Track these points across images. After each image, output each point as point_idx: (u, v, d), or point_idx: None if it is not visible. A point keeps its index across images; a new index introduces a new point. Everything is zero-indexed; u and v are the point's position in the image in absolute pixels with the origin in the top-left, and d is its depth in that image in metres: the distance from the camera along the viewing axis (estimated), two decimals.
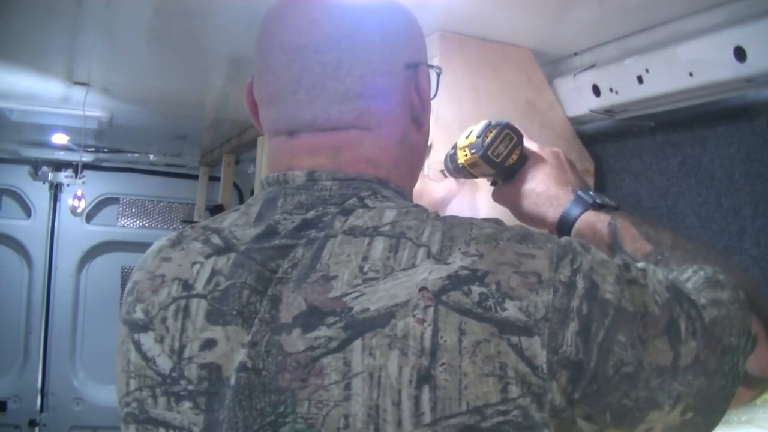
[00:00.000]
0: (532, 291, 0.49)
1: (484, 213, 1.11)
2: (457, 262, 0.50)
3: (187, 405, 0.54)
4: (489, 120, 0.84)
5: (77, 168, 2.74)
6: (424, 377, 0.47)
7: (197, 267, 0.58)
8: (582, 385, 0.49)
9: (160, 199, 3.65)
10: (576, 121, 1.21)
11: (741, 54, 0.86)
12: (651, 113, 1.11)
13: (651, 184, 1.17)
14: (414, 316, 0.48)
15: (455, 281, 0.49)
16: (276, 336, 0.51)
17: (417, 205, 0.58)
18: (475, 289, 0.49)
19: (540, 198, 0.80)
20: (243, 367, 0.52)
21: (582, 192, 0.78)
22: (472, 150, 0.83)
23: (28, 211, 3.41)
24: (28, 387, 3.36)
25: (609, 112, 1.15)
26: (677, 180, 1.12)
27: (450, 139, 1.08)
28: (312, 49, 0.60)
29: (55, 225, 3.42)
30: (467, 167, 0.87)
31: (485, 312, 0.48)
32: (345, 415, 0.48)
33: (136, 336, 0.58)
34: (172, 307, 0.57)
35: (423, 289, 0.49)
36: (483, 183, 1.07)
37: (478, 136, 0.82)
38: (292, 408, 0.49)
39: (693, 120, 1.07)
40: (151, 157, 3.42)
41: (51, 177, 3.26)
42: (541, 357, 0.48)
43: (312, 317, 0.50)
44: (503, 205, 0.86)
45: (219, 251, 0.58)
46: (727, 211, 1.03)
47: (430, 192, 0.97)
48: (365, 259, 0.51)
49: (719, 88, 0.94)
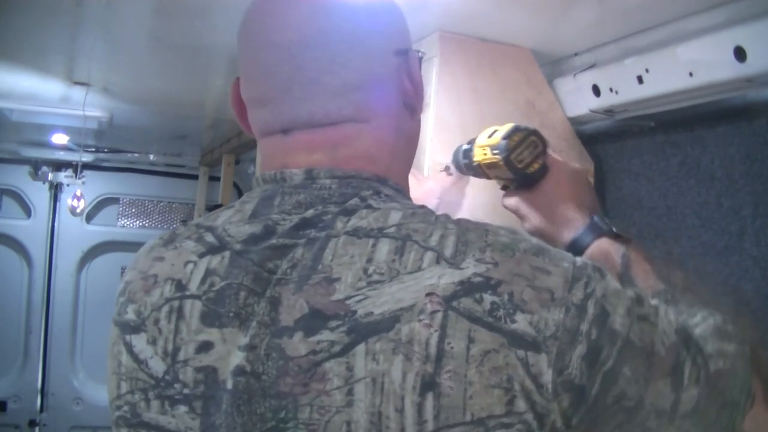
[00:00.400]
0: (543, 307, 0.48)
1: (480, 212, 1.11)
2: (471, 268, 0.49)
3: (183, 409, 0.53)
4: (517, 124, 0.81)
5: (77, 168, 2.74)
6: (428, 384, 0.46)
7: (191, 266, 0.56)
8: (581, 411, 0.48)
9: (160, 199, 3.65)
10: (576, 121, 1.21)
11: (741, 54, 0.86)
12: (651, 113, 1.11)
13: (651, 184, 1.17)
14: (420, 320, 0.47)
15: (468, 288, 0.48)
16: (276, 339, 0.50)
17: (423, 207, 0.57)
18: (487, 298, 0.48)
19: (556, 215, 0.78)
20: (241, 371, 0.50)
21: (597, 217, 0.76)
22: (494, 151, 0.80)
23: (28, 211, 3.41)
24: (28, 387, 3.37)
25: (609, 112, 1.15)
26: (677, 180, 1.12)
27: (450, 139, 1.08)
28: (303, 46, 0.58)
29: (55, 225, 3.42)
30: (483, 167, 0.84)
31: (495, 321, 0.47)
32: (347, 422, 0.47)
33: (127, 337, 0.57)
34: (165, 308, 0.55)
35: (431, 294, 0.48)
36: (479, 182, 1.07)
37: (504, 137, 0.79)
38: (293, 413, 0.48)
39: (693, 120, 1.07)
40: (151, 157, 3.42)
41: (51, 177, 3.27)
42: (547, 376, 0.47)
43: (314, 320, 0.49)
44: (513, 212, 0.83)
45: (213, 250, 0.56)
46: (727, 211, 1.03)
47: (421, 185, 0.96)
48: (369, 261, 0.50)
49: (719, 88, 0.94)
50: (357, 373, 0.47)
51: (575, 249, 0.75)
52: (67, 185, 3.29)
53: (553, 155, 0.81)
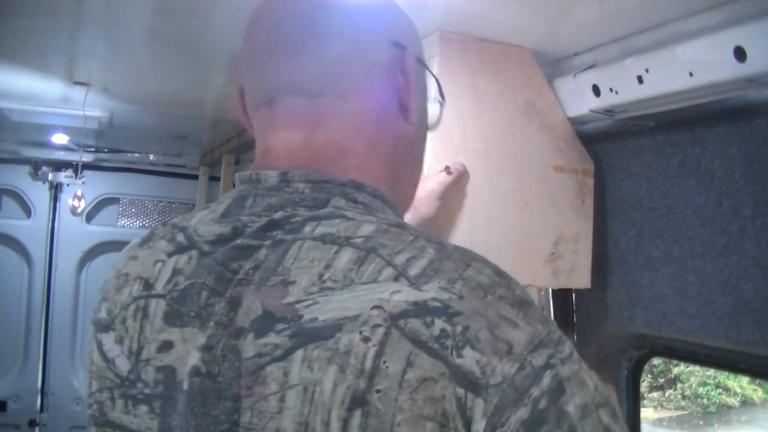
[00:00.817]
0: (496, 355, 0.44)
1: (481, 211, 1.11)
2: (431, 292, 0.46)
3: (144, 409, 0.52)
4: None
5: (77, 168, 2.74)
6: (357, 400, 0.43)
7: (159, 266, 0.55)
8: None
9: (160, 199, 3.64)
10: (576, 121, 1.21)
11: (741, 54, 0.86)
12: (651, 113, 1.11)
13: (651, 184, 1.17)
14: (360, 332, 0.44)
15: (420, 310, 0.45)
16: (233, 340, 0.49)
17: (402, 224, 0.53)
18: (439, 323, 0.44)
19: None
20: (196, 372, 0.49)
21: None
22: None
23: (28, 211, 3.40)
24: (28, 387, 3.36)
25: (609, 112, 1.15)
26: (677, 180, 1.12)
27: (450, 139, 1.08)
28: (295, 19, 0.58)
29: (55, 225, 3.41)
30: None
31: (441, 349, 0.44)
32: (277, 429, 0.45)
33: (99, 336, 0.57)
34: (132, 307, 0.55)
35: (377, 307, 0.45)
36: (479, 182, 1.07)
37: None
38: (240, 416, 0.47)
39: (693, 120, 1.07)
40: (151, 157, 3.42)
41: (51, 177, 3.26)
42: (478, 426, 0.43)
43: (264, 322, 0.48)
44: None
45: (181, 249, 0.55)
46: (727, 211, 1.03)
47: (422, 186, 0.96)
48: (327, 268, 0.48)
49: (719, 88, 0.94)
50: (291, 380, 0.45)
51: None
52: (67, 185, 3.29)
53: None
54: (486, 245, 1.08)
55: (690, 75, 0.94)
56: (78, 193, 2.63)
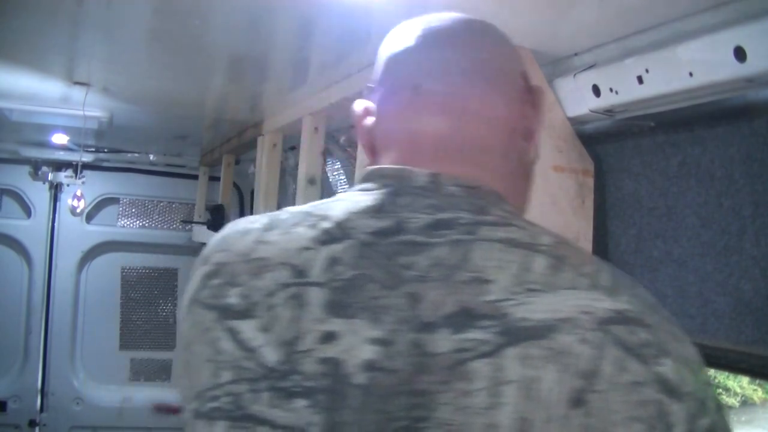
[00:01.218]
0: (685, 366, 0.48)
1: None
2: (625, 304, 0.49)
3: (302, 403, 0.49)
4: None
5: (77, 168, 2.74)
6: (578, 399, 0.45)
7: (308, 253, 0.54)
8: None
9: (160, 199, 3.64)
10: (576, 121, 1.21)
11: (741, 54, 0.86)
12: (651, 113, 1.11)
13: (651, 184, 1.17)
14: (577, 334, 0.46)
15: (623, 318, 0.48)
16: (416, 335, 0.48)
17: (567, 240, 0.57)
18: (640, 332, 0.48)
19: None
20: (370, 366, 0.48)
21: None
22: None
23: (28, 211, 3.40)
24: (28, 387, 3.36)
25: (609, 112, 1.15)
26: (677, 180, 1.12)
27: None
28: (438, 34, 0.65)
29: (55, 225, 3.41)
30: None
31: (645, 357, 0.47)
32: (489, 424, 0.45)
33: (231, 323, 0.54)
34: (281, 294, 0.52)
35: (589, 312, 0.47)
36: None
37: None
38: (430, 412, 0.46)
39: (693, 120, 1.07)
40: (151, 157, 3.42)
41: (51, 177, 3.26)
42: (678, 430, 0.46)
43: (461, 318, 0.48)
44: None
45: (334, 239, 0.54)
46: (727, 211, 1.03)
47: None
48: (526, 270, 0.50)
49: (719, 88, 0.94)
50: (506, 376, 0.46)
51: None
52: (67, 185, 3.29)
53: None
54: None
55: (690, 75, 0.94)
56: (78, 193, 2.63)
